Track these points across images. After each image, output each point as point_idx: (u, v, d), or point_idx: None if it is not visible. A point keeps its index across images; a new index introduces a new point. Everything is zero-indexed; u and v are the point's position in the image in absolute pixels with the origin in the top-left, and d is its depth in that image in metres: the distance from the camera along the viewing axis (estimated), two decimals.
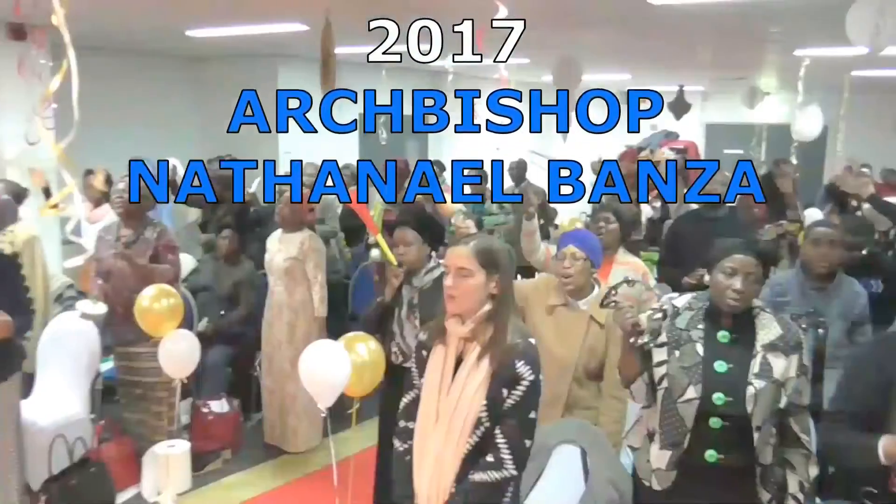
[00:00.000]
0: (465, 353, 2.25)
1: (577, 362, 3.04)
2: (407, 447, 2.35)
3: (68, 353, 4.43)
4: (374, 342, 2.94)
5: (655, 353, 2.51)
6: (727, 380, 2.40)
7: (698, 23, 5.87)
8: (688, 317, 2.50)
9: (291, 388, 4.68)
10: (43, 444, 3.99)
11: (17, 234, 4.61)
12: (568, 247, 3.10)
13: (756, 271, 2.41)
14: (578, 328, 3.07)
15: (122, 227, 4.39)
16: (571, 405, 3.05)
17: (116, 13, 5.71)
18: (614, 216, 3.77)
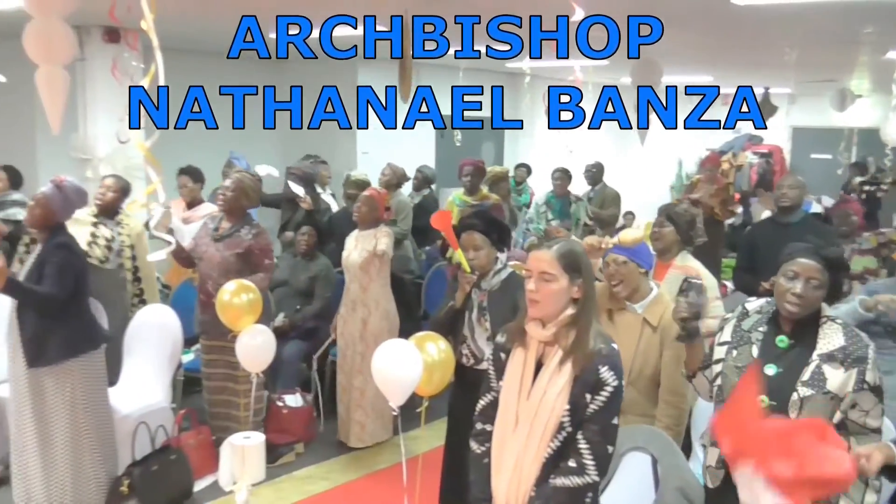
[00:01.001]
0: (546, 356, 2.25)
1: (632, 366, 3.03)
2: (485, 449, 2.36)
3: (152, 343, 4.61)
4: (444, 342, 2.96)
5: (716, 351, 2.54)
6: (774, 384, 2.37)
7: (785, 23, 5.69)
8: (754, 319, 2.51)
9: (359, 382, 4.76)
10: (127, 430, 4.17)
11: (132, 226, 4.94)
12: (609, 255, 3.19)
13: (820, 277, 2.35)
14: (633, 331, 3.09)
15: (224, 221, 4.57)
16: (625, 410, 3.01)
17: (203, 17, 5.89)
18: (668, 220, 3.76)
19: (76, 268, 3.80)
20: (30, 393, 3.76)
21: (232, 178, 4.62)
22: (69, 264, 3.75)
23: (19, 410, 3.81)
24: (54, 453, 3.78)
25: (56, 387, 3.75)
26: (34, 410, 3.77)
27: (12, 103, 6.72)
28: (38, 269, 3.72)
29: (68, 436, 3.78)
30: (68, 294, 3.74)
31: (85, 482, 3.86)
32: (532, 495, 2.21)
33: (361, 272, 4.72)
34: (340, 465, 4.76)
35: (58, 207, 3.79)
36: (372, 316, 4.74)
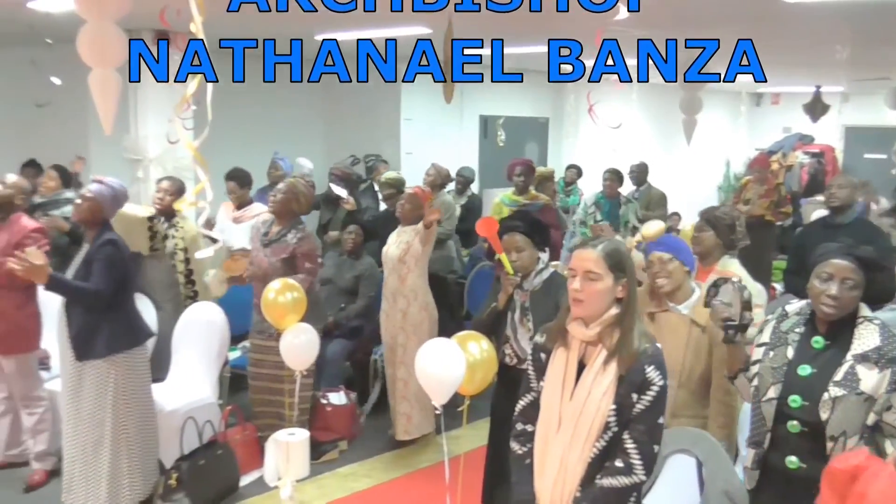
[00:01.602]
0: (589, 356, 2.24)
1: (682, 368, 2.99)
2: (526, 450, 2.36)
3: (200, 340, 4.70)
4: (486, 341, 2.96)
5: (755, 352, 2.52)
6: (807, 384, 2.35)
7: (836, 21, 5.56)
8: (793, 321, 2.48)
9: (402, 374, 4.78)
10: (175, 425, 4.25)
11: (187, 230, 5.04)
12: (652, 253, 3.13)
13: (854, 277, 2.32)
14: (680, 332, 3.04)
15: (274, 224, 4.65)
16: (677, 412, 2.99)
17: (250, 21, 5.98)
18: (708, 224, 3.68)
19: (122, 264, 3.88)
20: (76, 387, 3.85)
21: (286, 182, 4.69)
22: (116, 260, 3.83)
23: (67, 404, 3.90)
24: (98, 446, 3.86)
25: (99, 381, 3.82)
26: (80, 404, 3.85)
27: (66, 106, 6.90)
28: (87, 266, 3.81)
29: (110, 429, 3.85)
30: (114, 290, 3.82)
31: (126, 475, 3.91)
32: (577, 496, 2.20)
33: (399, 264, 4.76)
34: (383, 463, 4.79)
35: (106, 205, 3.88)
36: (411, 307, 4.77)
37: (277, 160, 6.95)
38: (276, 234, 4.61)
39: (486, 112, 9.77)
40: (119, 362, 3.85)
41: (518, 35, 6.56)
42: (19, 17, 5.27)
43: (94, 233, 3.89)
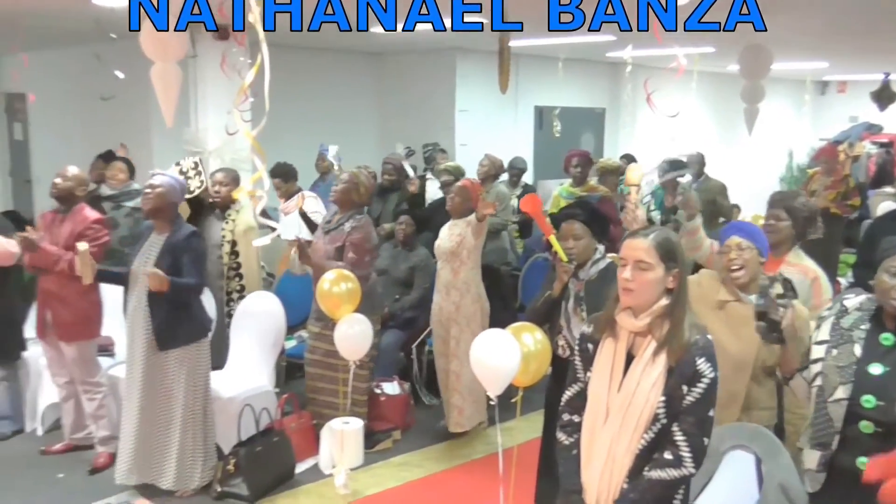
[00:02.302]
0: (637, 347, 2.21)
1: (755, 360, 2.89)
2: (573, 441, 2.34)
3: (257, 330, 4.78)
4: (541, 332, 2.94)
5: (814, 351, 2.44)
6: (881, 383, 2.26)
7: None
8: (855, 317, 2.40)
9: (455, 366, 4.78)
10: (233, 411, 4.34)
11: (238, 224, 5.09)
12: (731, 238, 2.98)
13: None
14: (753, 325, 2.92)
15: (337, 213, 4.70)
16: (749, 406, 2.91)
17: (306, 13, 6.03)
18: (787, 213, 3.49)
19: (205, 256, 4.10)
20: (148, 376, 3.97)
21: (349, 172, 4.73)
22: (203, 254, 4.05)
23: (138, 390, 4.00)
24: (168, 430, 4.01)
25: (173, 368, 3.98)
26: (151, 392, 3.98)
27: (129, 99, 7.08)
28: (170, 255, 3.92)
29: (181, 414, 4.01)
30: (205, 281, 4.03)
31: (190, 458, 4.08)
32: (625, 487, 2.18)
33: (452, 257, 4.76)
34: (436, 454, 4.80)
35: (175, 195, 3.99)
36: (464, 299, 4.77)
37: (323, 151, 7.02)
38: (335, 223, 4.66)
39: (541, 103, 9.69)
40: (191, 350, 4.01)
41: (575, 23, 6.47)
42: (85, 13, 5.42)
43: (166, 223, 4.00)
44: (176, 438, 4.03)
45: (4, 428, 4.86)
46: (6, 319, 4.70)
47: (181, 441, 4.03)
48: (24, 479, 4.33)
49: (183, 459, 4.05)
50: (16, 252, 4.49)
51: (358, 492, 4.25)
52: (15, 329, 4.83)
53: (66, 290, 4.29)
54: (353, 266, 4.43)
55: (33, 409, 4.95)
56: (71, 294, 4.30)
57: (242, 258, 5.11)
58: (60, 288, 4.29)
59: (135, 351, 4.00)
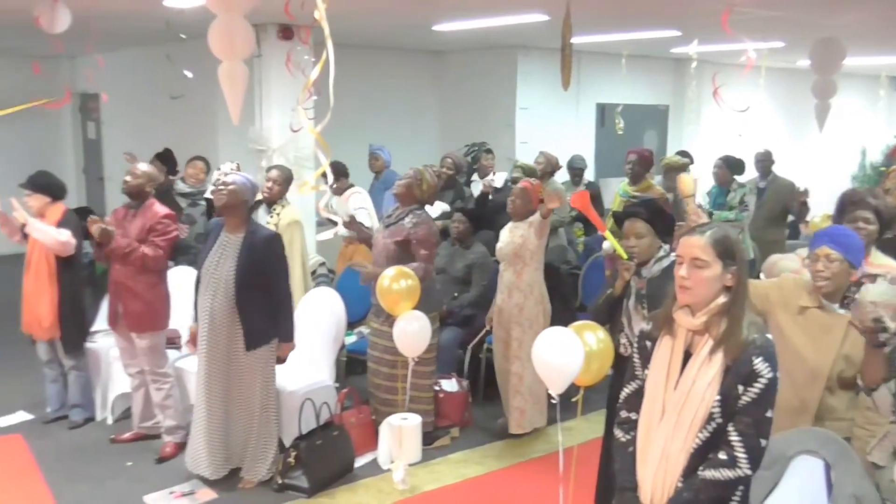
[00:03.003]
0: (695, 345, 2.18)
1: (832, 370, 2.79)
2: (630, 438, 2.33)
3: (318, 325, 4.85)
4: (603, 331, 2.91)
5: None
6: None
7: None
8: None
9: (517, 367, 4.76)
10: (294, 405, 4.41)
11: (282, 216, 5.17)
12: (821, 247, 2.82)
13: None
14: (835, 333, 2.80)
15: (398, 208, 4.75)
16: (822, 415, 2.80)
17: (370, 12, 6.10)
18: (874, 215, 3.30)
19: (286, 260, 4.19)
20: (230, 373, 4.08)
21: (415, 168, 4.76)
22: (285, 255, 4.14)
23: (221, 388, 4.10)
24: (249, 423, 4.15)
25: (252, 366, 4.09)
26: (228, 388, 4.09)
27: (197, 98, 7.25)
28: (249, 258, 4.00)
29: (259, 408, 4.13)
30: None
31: (265, 451, 4.21)
32: (679, 486, 2.15)
33: (515, 258, 4.73)
34: (495, 451, 4.79)
35: (247, 194, 4.07)
36: (527, 301, 4.74)
37: (376, 151, 7.03)
38: (395, 216, 4.69)
39: (602, 100, 9.59)
40: (265, 351, 4.13)
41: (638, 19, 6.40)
42: (156, 15, 5.57)
43: (239, 221, 4.07)
44: (254, 431, 4.15)
45: (76, 416, 5.03)
46: (73, 311, 4.85)
47: (257, 434, 4.16)
48: (95, 467, 4.47)
49: (257, 451, 4.18)
50: (72, 242, 4.64)
51: (416, 487, 4.27)
52: (81, 320, 4.99)
53: (136, 282, 4.42)
54: (428, 262, 4.52)
55: (104, 398, 5.11)
56: (141, 286, 4.43)
57: (287, 250, 5.16)
58: (131, 280, 4.42)
59: (215, 349, 4.05)
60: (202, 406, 4.11)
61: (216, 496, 4.14)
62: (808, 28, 6.46)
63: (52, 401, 5.08)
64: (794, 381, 2.14)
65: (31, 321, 4.79)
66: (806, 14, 5.88)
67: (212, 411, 4.09)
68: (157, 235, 4.38)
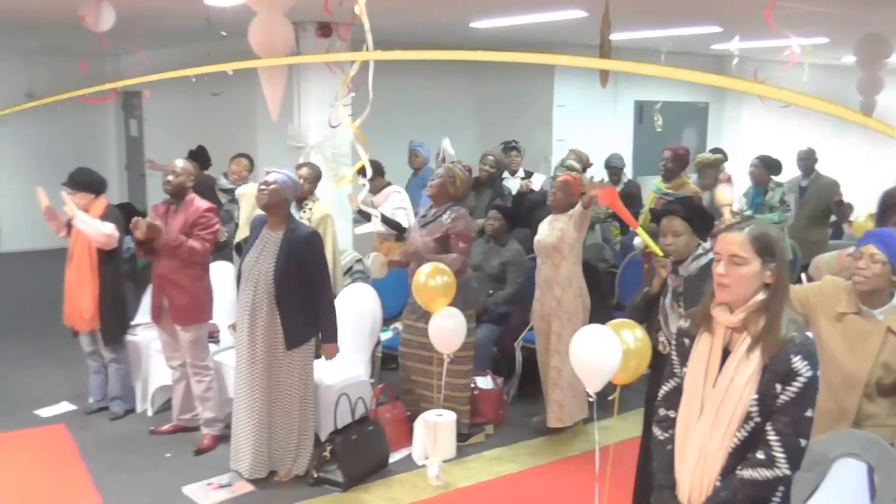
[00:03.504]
0: (733, 343, 2.15)
1: (870, 377, 2.74)
2: (668, 436, 2.31)
3: (354, 321, 4.87)
4: (641, 330, 2.89)
5: None
6: None
7: None
8: None
9: (556, 361, 4.74)
10: (330, 400, 4.44)
11: (314, 211, 5.22)
12: (867, 246, 2.78)
13: None
14: (873, 340, 2.75)
15: (432, 207, 4.78)
16: (861, 421, 2.75)
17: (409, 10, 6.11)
18: None
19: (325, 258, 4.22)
20: (269, 370, 4.11)
21: (444, 166, 4.78)
22: (325, 255, 4.18)
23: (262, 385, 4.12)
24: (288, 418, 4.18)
25: (290, 364, 4.13)
26: (268, 383, 4.12)
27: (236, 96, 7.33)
28: (289, 255, 4.03)
29: (298, 403, 4.17)
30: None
31: (304, 447, 4.25)
32: (717, 485, 2.13)
33: (553, 251, 4.72)
34: (530, 449, 4.78)
35: (288, 192, 4.11)
36: (566, 294, 4.72)
37: (416, 148, 7.04)
38: (431, 216, 4.72)
39: (641, 97, 9.50)
40: (304, 348, 4.17)
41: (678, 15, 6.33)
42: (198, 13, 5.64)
43: (281, 219, 4.11)
44: (295, 428, 4.18)
45: (117, 408, 5.13)
46: (114, 303, 4.95)
47: (297, 431, 4.20)
48: (135, 457, 4.55)
49: (297, 448, 4.22)
50: (116, 235, 4.73)
51: (450, 484, 4.28)
52: (122, 313, 5.08)
53: (181, 275, 4.50)
54: (465, 255, 4.56)
55: (144, 390, 5.20)
56: (186, 279, 4.51)
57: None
58: (176, 274, 4.50)
59: (256, 346, 4.09)
60: (243, 403, 4.15)
61: (253, 489, 4.18)
62: (853, 24, 6.33)
63: (94, 392, 5.19)
64: (831, 387, 2.11)
65: (73, 313, 4.89)
66: (851, 9, 5.76)
67: (253, 409, 4.12)
68: (201, 229, 4.46)
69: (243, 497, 4.14)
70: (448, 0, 5.75)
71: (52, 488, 4.22)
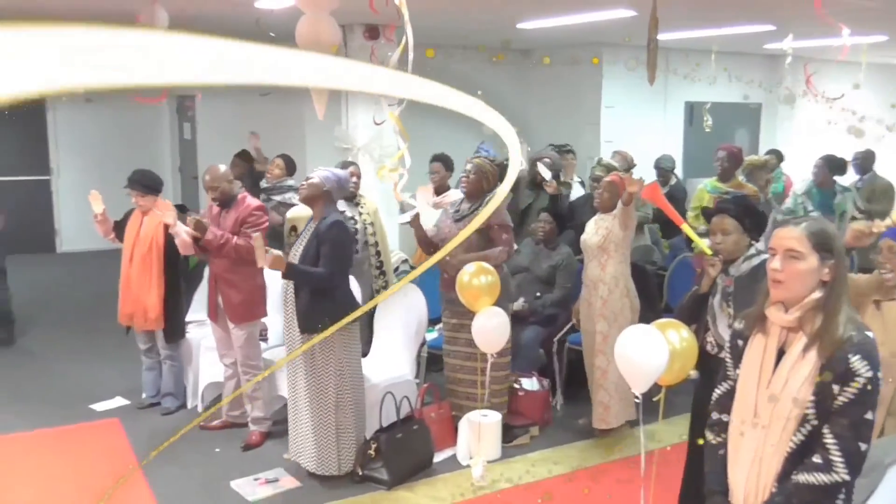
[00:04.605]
0: (789, 343, 2.08)
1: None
2: (721, 440, 2.25)
3: (400, 320, 4.91)
4: (687, 330, 2.83)
5: None
6: None
7: None
8: None
9: (601, 362, 4.69)
10: (375, 398, 4.46)
11: (368, 204, 5.36)
12: (884, 240, 2.82)
13: None
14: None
15: (464, 202, 4.78)
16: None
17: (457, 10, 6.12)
18: None
19: (348, 245, 4.20)
20: (303, 358, 4.14)
21: (472, 163, 4.78)
22: (342, 242, 4.13)
23: (293, 374, 4.21)
24: (322, 414, 4.15)
25: (323, 354, 4.11)
26: (306, 374, 4.15)
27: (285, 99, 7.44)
28: (315, 242, 4.08)
29: (333, 398, 4.14)
30: (341, 271, 4.12)
31: (345, 442, 4.20)
32: (773, 491, 2.06)
33: (599, 251, 4.68)
34: (575, 452, 4.73)
35: (331, 187, 4.15)
36: (612, 294, 4.67)
37: (482, 149, 6.96)
38: (467, 210, 4.73)
39: (692, 98, 9.36)
40: (337, 338, 4.07)
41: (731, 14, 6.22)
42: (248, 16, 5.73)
43: (320, 212, 4.17)
44: (331, 423, 4.14)
45: (169, 403, 5.23)
46: (176, 304, 5.08)
47: (337, 425, 4.14)
48: (185, 452, 4.63)
49: (326, 444, 4.17)
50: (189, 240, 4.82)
51: (494, 484, 4.26)
52: (181, 313, 5.20)
53: (235, 274, 4.59)
54: (508, 246, 4.61)
55: (195, 387, 5.30)
56: (240, 278, 4.59)
57: (378, 236, 5.40)
58: (230, 272, 4.59)
59: (292, 335, 4.18)
60: (291, 398, 4.23)
61: (300, 484, 4.23)
62: None
63: (147, 387, 5.31)
64: None
65: (135, 312, 4.99)
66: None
67: (290, 398, 4.18)
68: (249, 227, 4.53)
69: (289, 493, 4.18)
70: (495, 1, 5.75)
71: (105, 481, 4.31)
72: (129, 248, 5.02)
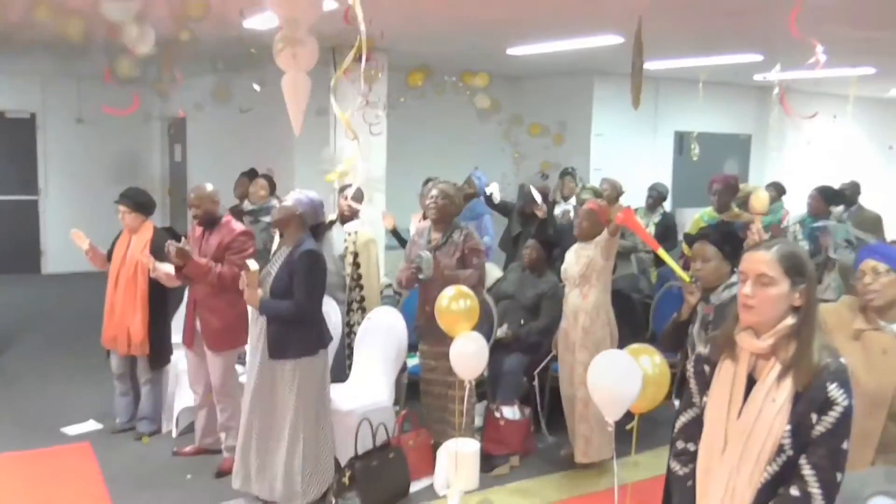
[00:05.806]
0: (759, 371, 2.02)
1: (894, 398, 2.59)
2: (688, 471, 2.17)
3: (379, 344, 4.82)
4: (660, 356, 2.77)
5: None
6: None
7: None
8: None
9: (582, 393, 4.59)
10: (351, 424, 4.35)
11: (359, 234, 5.26)
12: (865, 262, 2.72)
13: None
14: (891, 356, 2.63)
15: (433, 231, 4.70)
16: (886, 446, 2.60)
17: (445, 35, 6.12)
18: None
19: (320, 273, 4.03)
20: (261, 385, 3.99)
21: (437, 188, 4.71)
22: (315, 271, 3.98)
23: (253, 397, 4.02)
24: (278, 440, 3.98)
25: (286, 380, 3.96)
26: (262, 402, 3.99)
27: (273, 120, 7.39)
28: (287, 270, 3.97)
29: (290, 426, 3.95)
30: (313, 301, 4.00)
31: (299, 472, 3.97)
32: None
33: (581, 280, 4.62)
34: (555, 483, 4.63)
35: (303, 212, 4.06)
36: (594, 324, 4.60)
37: (474, 177, 6.89)
38: (441, 238, 4.66)
39: (681, 128, 9.37)
40: (304, 365, 3.97)
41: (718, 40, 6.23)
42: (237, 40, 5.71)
43: (291, 237, 4.07)
44: (283, 452, 3.96)
45: (143, 428, 5.12)
46: (161, 329, 5.01)
47: (289, 455, 3.96)
48: (157, 478, 4.53)
49: (290, 474, 3.97)
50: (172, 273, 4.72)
51: None
52: (166, 338, 5.11)
53: (216, 300, 4.46)
54: (479, 270, 4.58)
55: (170, 411, 5.19)
56: (220, 304, 4.47)
57: (363, 269, 5.23)
58: (210, 298, 4.47)
59: (255, 359, 4.04)
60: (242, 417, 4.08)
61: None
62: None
63: (120, 413, 5.20)
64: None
65: (119, 336, 4.91)
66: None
67: (244, 424, 4.04)
68: (233, 253, 4.41)
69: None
70: (484, 26, 5.74)
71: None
72: (114, 272, 4.94)
